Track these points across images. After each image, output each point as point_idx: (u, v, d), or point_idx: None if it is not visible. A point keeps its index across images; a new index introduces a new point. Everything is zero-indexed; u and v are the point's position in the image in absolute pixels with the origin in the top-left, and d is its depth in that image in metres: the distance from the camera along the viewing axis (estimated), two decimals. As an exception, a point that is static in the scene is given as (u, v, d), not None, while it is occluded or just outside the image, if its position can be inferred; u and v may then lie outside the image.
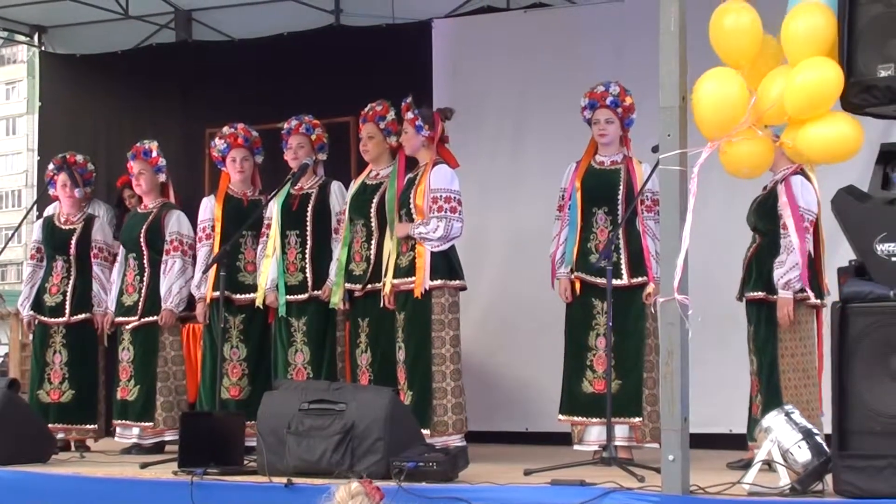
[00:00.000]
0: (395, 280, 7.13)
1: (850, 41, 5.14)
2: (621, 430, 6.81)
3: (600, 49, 8.73)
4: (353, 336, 7.54)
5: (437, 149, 7.25)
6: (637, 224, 6.96)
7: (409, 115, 7.25)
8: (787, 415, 5.42)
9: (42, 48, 11.03)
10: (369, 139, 7.58)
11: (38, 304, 8.28)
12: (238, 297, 7.73)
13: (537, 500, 5.51)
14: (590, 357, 6.94)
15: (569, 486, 5.52)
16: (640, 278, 6.89)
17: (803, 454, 5.27)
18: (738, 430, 7.09)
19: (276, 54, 9.95)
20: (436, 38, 9.43)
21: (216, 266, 7.25)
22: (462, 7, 9.58)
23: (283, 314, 7.57)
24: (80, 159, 8.42)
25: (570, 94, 7.35)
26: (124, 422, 8.04)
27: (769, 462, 5.35)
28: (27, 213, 9.52)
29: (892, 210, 5.12)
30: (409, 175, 7.32)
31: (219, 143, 7.90)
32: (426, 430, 6.86)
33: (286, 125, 7.77)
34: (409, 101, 7.31)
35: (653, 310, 6.80)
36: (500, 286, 8.86)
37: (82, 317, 8.21)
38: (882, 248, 5.09)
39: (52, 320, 8.23)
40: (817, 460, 5.24)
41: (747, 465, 5.67)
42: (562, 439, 7.28)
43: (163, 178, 8.15)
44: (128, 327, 8.02)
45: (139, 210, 8.28)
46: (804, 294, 6.63)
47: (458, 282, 7.16)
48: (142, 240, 8.03)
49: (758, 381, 6.80)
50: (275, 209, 7.67)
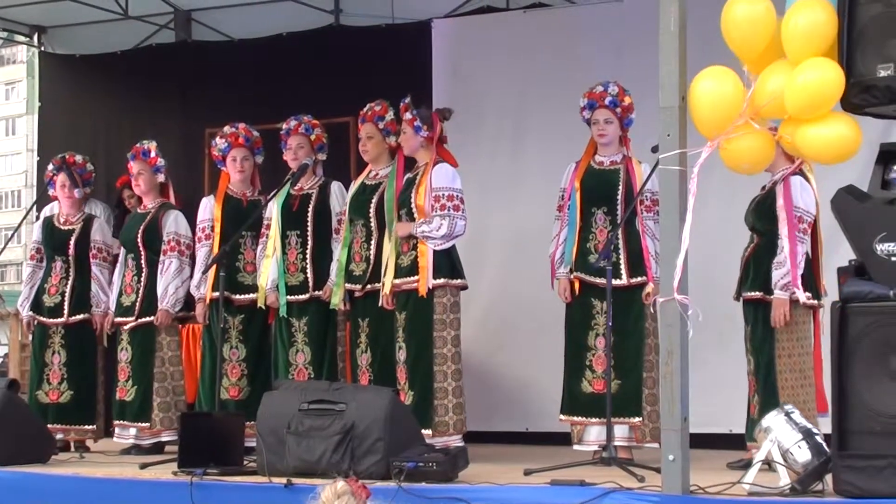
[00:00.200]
0: (397, 280, 7.13)
1: (850, 41, 5.14)
2: (621, 430, 6.80)
3: (600, 49, 8.73)
4: (353, 336, 7.54)
5: (436, 149, 7.25)
6: (636, 224, 6.96)
7: (408, 115, 7.25)
8: (787, 415, 5.42)
9: (42, 48, 11.04)
10: (368, 139, 7.58)
11: (37, 305, 8.28)
12: (237, 297, 7.72)
13: (537, 500, 5.51)
14: (589, 357, 6.94)
15: (569, 486, 5.52)
16: (639, 278, 6.89)
17: (803, 454, 5.27)
18: (737, 430, 7.08)
19: (275, 54, 9.95)
20: (435, 38, 9.43)
21: (216, 266, 7.26)
22: (462, 7, 9.58)
23: (284, 314, 7.57)
24: (79, 159, 8.41)
25: (570, 94, 7.35)
26: (122, 422, 8.05)
27: (769, 462, 5.35)
28: (27, 213, 9.53)
29: (892, 210, 5.12)
30: (408, 175, 7.32)
31: (220, 142, 7.90)
32: (427, 431, 6.86)
33: (285, 125, 7.77)
34: (407, 101, 7.31)
35: (652, 310, 6.80)
36: (499, 286, 8.86)
37: (81, 317, 8.21)
38: (882, 247, 5.09)
39: (51, 321, 8.23)
40: (817, 460, 5.24)
41: (747, 465, 5.67)
42: (562, 439, 7.28)
43: (161, 178, 8.14)
44: (126, 328, 8.02)
45: (139, 210, 8.29)
46: (795, 296, 6.63)
47: (459, 281, 7.15)
48: (139, 240, 8.03)
49: (755, 382, 6.80)
50: (275, 209, 7.67)
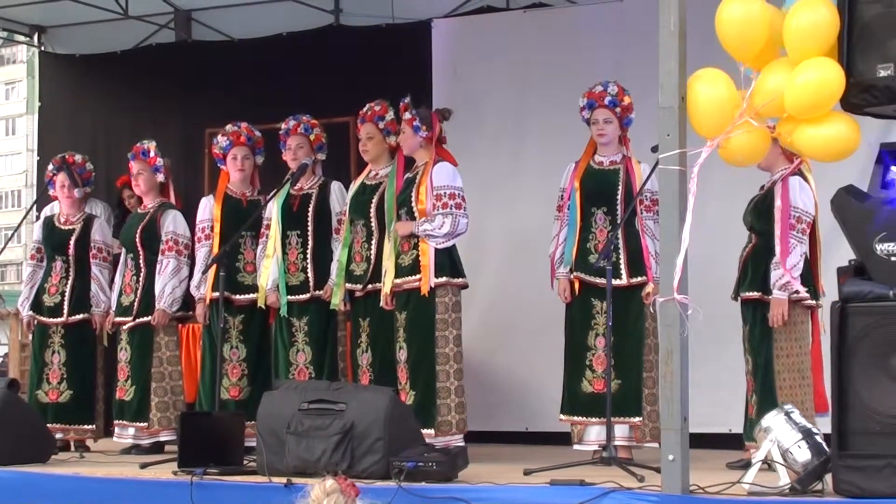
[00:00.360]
0: (398, 279, 7.13)
1: (851, 41, 5.14)
2: (621, 430, 6.81)
3: (600, 49, 8.73)
4: (353, 336, 7.54)
5: (435, 149, 7.25)
6: (636, 224, 6.96)
7: (407, 115, 7.25)
8: (787, 414, 5.42)
9: (42, 48, 11.04)
10: (369, 139, 7.58)
11: (37, 305, 8.28)
12: (237, 297, 7.72)
13: (537, 500, 5.51)
14: (589, 357, 6.95)
15: (568, 486, 5.52)
16: (639, 278, 6.89)
17: (803, 454, 5.27)
18: (737, 429, 7.08)
19: (275, 54, 9.95)
20: (435, 37, 9.44)
21: (216, 266, 7.26)
22: (462, 7, 9.58)
23: (285, 314, 7.57)
24: (78, 159, 8.41)
25: (570, 94, 7.34)
26: (122, 422, 8.05)
27: (769, 462, 5.35)
28: (27, 213, 9.52)
29: (892, 210, 5.11)
30: (408, 175, 7.32)
31: (221, 140, 7.90)
32: (430, 430, 6.87)
33: (284, 125, 7.77)
34: (407, 101, 7.31)
35: (652, 309, 6.80)
36: (499, 286, 8.86)
37: (80, 317, 8.21)
38: (882, 247, 5.09)
39: (51, 320, 8.23)
40: (817, 460, 5.24)
41: (747, 465, 5.67)
42: (562, 439, 7.28)
43: (161, 178, 8.13)
44: (125, 328, 8.02)
45: (139, 210, 8.29)
46: (798, 295, 6.63)
47: (461, 279, 7.16)
48: (137, 240, 8.03)
49: (753, 381, 6.81)
50: (275, 210, 7.67)
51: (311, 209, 7.64)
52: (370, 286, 7.37)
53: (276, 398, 6.40)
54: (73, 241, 8.26)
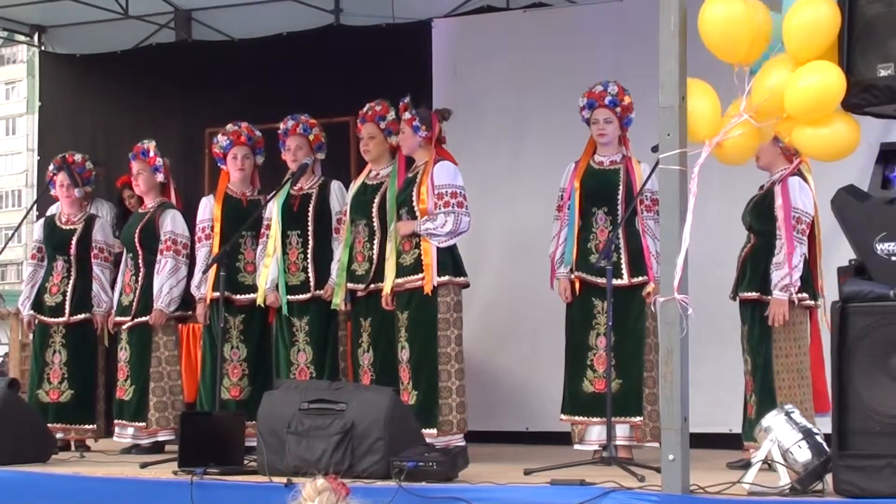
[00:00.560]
0: (399, 279, 7.13)
1: (851, 40, 5.14)
2: (622, 430, 6.81)
3: (600, 49, 8.73)
4: (355, 336, 7.54)
5: (435, 149, 7.25)
6: (636, 223, 6.96)
7: (407, 115, 7.25)
8: (787, 414, 5.42)
9: (42, 48, 11.04)
10: (370, 139, 7.58)
11: (38, 304, 8.29)
12: (238, 297, 7.72)
13: (537, 499, 5.51)
14: (590, 356, 6.95)
15: (569, 485, 5.52)
16: (640, 278, 6.89)
17: (803, 454, 5.27)
18: (737, 429, 7.08)
19: (275, 54, 9.95)
20: (436, 37, 9.44)
21: (216, 266, 7.26)
22: (462, 7, 9.58)
23: (286, 313, 7.57)
24: (78, 158, 8.41)
25: (570, 94, 7.34)
26: (121, 422, 8.06)
27: (769, 462, 5.35)
28: (27, 213, 9.53)
29: (892, 210, 5.12)
30: (408, 174, 7.32)
31: (221, 139, 7.90)
32: (432, 430, 6.88)
33: (283, 126, 7.76)
34: (406, 101, 7.31)
35: (653, 309, 6.80)
36: (500, 286, 8.85)
37: (82, 317, 8.22)
38: (882, 247, 5.09)
39: (52, 320, 8.23)
40: (817, 460, 5.24)
41: (747, 465, 5.67)
42: (562, 439, 7.28)
43: (161, 177, 8.13)
44: (124, 327, 8.03)
45: (139, 210, 8.29)
46: (799, 296, 6.63)
47: (462, 278, 7.16)
48: (136, 240, 8.04)
49: (752, 381, 6.81)
50: (275, 210, 7.66)
51: (311, 209, 7.64)
52: (372, 286, 7.37)
53: (277, 398, 6.40)
54: (74, 241, 8.26)
